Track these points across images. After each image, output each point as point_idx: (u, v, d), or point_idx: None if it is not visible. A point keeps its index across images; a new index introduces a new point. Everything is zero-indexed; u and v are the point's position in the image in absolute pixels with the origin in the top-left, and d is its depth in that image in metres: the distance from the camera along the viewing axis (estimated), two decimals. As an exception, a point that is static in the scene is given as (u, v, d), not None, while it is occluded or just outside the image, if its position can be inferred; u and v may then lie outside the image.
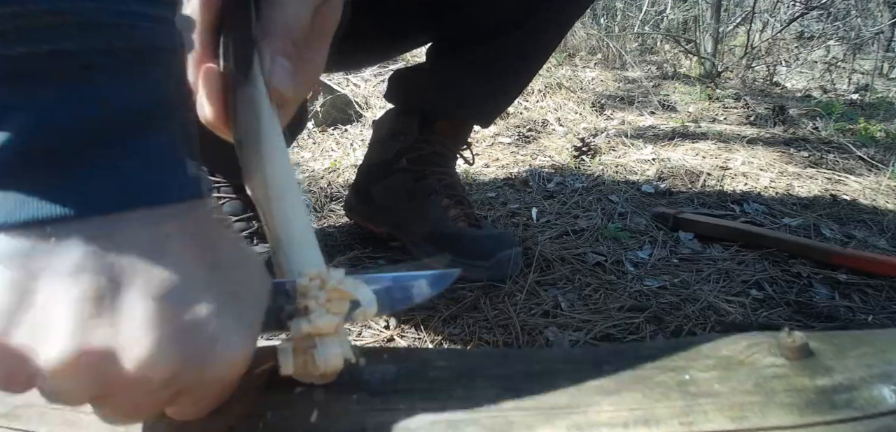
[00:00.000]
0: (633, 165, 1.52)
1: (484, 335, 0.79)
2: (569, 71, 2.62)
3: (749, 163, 1.53)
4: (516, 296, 0.88)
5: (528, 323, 0.81)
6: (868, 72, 3.07)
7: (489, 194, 1.32)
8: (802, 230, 1.13)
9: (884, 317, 0.85)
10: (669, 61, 3.13)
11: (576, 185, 1.37)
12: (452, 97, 0.96)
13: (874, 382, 0.32)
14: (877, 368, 0.33)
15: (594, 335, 0.79)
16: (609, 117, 2.08)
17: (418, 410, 0.32)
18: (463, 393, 0.33)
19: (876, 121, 1.93)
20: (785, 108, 2.03)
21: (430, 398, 0.33)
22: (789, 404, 0.31)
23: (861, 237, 1.11)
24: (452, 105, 0.97)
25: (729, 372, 0.33)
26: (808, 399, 0.31)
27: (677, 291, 0.90)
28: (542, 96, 2.22)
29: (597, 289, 0.91)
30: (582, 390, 0.33)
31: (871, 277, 0.94)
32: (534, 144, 1.75)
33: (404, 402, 0.32)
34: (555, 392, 0.33)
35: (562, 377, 0.34)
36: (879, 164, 1.51)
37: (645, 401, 0.31)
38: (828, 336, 0.37)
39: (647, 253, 1.03)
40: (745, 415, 0.30)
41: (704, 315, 0.84)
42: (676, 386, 0.32)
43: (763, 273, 0.95)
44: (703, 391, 0.32)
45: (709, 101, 2.31)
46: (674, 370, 0.34)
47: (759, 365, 0.33)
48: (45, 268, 0.25)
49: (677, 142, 1.71)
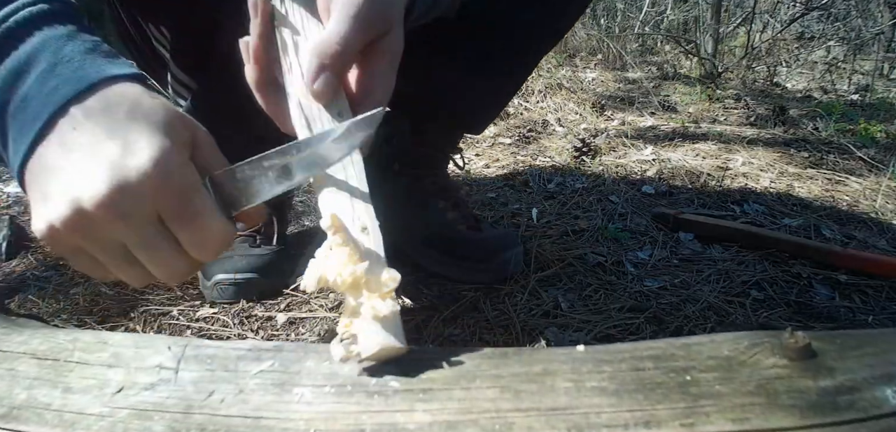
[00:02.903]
0: (634, 166, 1.52)
1: (484, 335, 0.79)
2: (569, 71, 2.62)
3: (749, 163, 1.53)
4: (517, 297, 0.87)
5: (528, 323, 0.81)
6: (868, 72, 3.07)
7: (489, 194, 1.32)
8: (802, 230, 1.13)
9: (884, 317, 0.85)
10: (670, 62, 3.13)
11: (576, 186, 1.37)
12: (444, 98, 0.95)
13: (877, 383, 0.32)
14: (879, 369, 0.33)
15: (594, 335, 0.79)
16: (609, 118, 2.08)
17: (417, 411, 0.32)
18: (462, 394, 0.33)
19: (876, 122, 1.93)
20: (785, 108, 2.03)
21: (429, 399, 0.32)
22: (791, 406, 0.30)
23: (861, 237, 1.11)
24: (444, 106, 0.96)
25: (730, 372, 0.33)
26: (810, 400, 0.31)
27: (677, 292, 0.89)
28: (543, 97, 2.22)
29: (597, 290, 0.90)
30: (581, 391, 0.32)
31: (871, 278, 0.94)
32: (534, 145, 1.75)
33: (403, 403, 0.32)
34: (554, 393, 0.32)
35: (561, 378, 0.33)
36: (880, 165, 1.51)
37: (646, 403, 0.31)
38: (830, 336, 0.36)
39: (647, 253, 1.03)
40: (746, 417, 0.30)
41: (705, 315, 0.83)
42: (677, 388, 0.32)
43: (763, 273, 0.95)
44: (704, 392, 0.32)
45: (709, 102, 2.31)
46: (675, 371, 0.34)
47: (761, 365, 0.33)
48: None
49: (677, 143, 1.71)
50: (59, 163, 0.38)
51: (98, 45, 0.42)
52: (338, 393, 0.33)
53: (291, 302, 0.89)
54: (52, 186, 0.39)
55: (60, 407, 0.34)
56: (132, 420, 0.33)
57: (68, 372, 0.37)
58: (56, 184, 0.38)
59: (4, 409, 0.35)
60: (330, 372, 0.35)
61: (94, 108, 0.39)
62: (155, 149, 0.38)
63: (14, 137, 0.40)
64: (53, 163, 0.39)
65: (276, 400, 0.33)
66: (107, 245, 0.41)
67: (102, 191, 0.37)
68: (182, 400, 0.34)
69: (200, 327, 0.83)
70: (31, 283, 0.96)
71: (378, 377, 0.34)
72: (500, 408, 0.31)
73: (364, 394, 0.33)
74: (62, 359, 0.38)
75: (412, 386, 0.33)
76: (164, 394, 0.34)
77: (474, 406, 0.32)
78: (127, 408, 0.34)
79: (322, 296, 0.90)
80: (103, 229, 0.39)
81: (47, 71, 0.39)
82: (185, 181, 0.40)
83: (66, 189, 0.38)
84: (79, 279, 0.96)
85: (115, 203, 0.38)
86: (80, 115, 0.39)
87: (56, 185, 0.38)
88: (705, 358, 0.34)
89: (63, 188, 0.38)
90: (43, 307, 0.89)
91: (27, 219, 1.24)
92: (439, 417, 0.31)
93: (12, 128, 0.40)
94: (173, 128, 0.40)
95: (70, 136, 0.38)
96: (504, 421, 0.31)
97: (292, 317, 0.84)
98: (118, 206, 0.38)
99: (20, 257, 1.05)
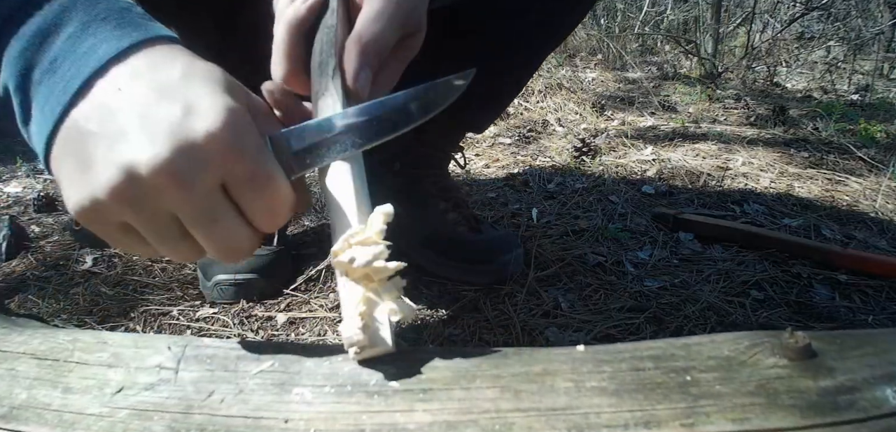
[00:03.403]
0: (634, 166, 1.52)
1: (484, 335, 0.79)
2: (569, 71, 2.62)
3: (749, 163, 1.52)
4: (517, 297, 0.87)
5: (528, 323, 0.81)
6: (868, 72, 3.07)
7: (489, 194, 1.32)
8: (802, 230, 1.13)
9: (884, 317, 0.85)
10: (670, 62, 3.13)
11: (576, 186, 1.37)
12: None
13: (877, 383, 0.32)
14: (879, 369, 0.33)
15: (594, 335, 0.79)
16: (609, 118, 2.08)
17: (417, 411, 0.32)
18: (462, 395, 0.33)
19: (876, 122, 1.93)
20: (785, 108, 2.03)
21: (429, 399, 0.32)
22: (791, 406, 0.30)
23: (861, 237, 1.11)
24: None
25: (731, 372, 0.33)
26: (810, 400, 0.31)
27: (677, 292, 0.89)
28: (543, 97, 2.22)
29: (597, 290, 0.90)
30: (581, 391, 0.32)
31: (871, 278, 0.94)
32: (534, 145, 1.75)
33: (403, 403, 0.32)
34: (554, 393, 0.32)
35: (561, 378, 0.33)
36: (880, 165, 1.51)
37: (646, 403, 0.31)
38: (830, 336, 0.36)
39: (647, 253, 1.03)
40: (746, 417, 0.30)
41: (705, 315, 0.83)
42: (677, 388, 0.32)
43: (763, 273, 0.95)
44: (704, 392, 0.32)
45: (709, 102, 2.31)
46: (675, 371, 0.34)
47: (761, 365, 0.33)
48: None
49: (678, 143, 1.71)
50: (104, 128, 0.34)
51: (132, 6, 0.38)
52: (338, 393, 0.33)
53: (291, 302, 0.89)
54: (97, 153, 0.34)
55: (60, 408, 0.34)
56: (132, 420, 0.33)
57: (68, 372, 0.37)
58: (101, 150, 0.34)
59: (5, 409, 0.35)
60: (330, 371, 0.35)
61: (141, 67, 0.35)
62: (221, 108, 0.34)
63: (40, 104, 0.35)
64: (95, 129, 0.34)
65: (275, 400, 0.33)
66: (159, 218, 0.36)
67: (163, 154, 0.33)
68: (182, 400, 0.34)
69: (200, 327, 0.83)
70: (31, 283, 0.96)
71: (378, 377, 0.34)
72: (500, 408, 0.31)
73: (364, 394, 0.33)
74: (62, 359, 0.38)
75: (412, 386, 0.33)
76: (163, 394, 0.34)
77: (474, 406, 0.32)
78: (127, 408, 0.34)
79: (322, 296, 0.90)
80: (159, 199, 0.34)
81: (80, 30, 0.35)
82: (255, 142, 0.36)
83: (115, 155, 0.33)
84: (79, 279, 0.97)
85: (178, 168, 0.33)
86: (126, 76, 0.35)
87: (101, 152, 0.34)
88: (705, 359, 0.34)
89: (111, 154, 0.33)
90: (43, 307, 0.89)
91: (27, 219, 1.24)
92: (439, 417, 0.31)
93: (38, 95, 0.36)
94: (234, 89, 0.37)
95: (115, 99, 0.34)
96: (504, 421, 0.31)
97: (292, 317, 0.84)
98: (180, 172, 0.33)
99: (20, 257, 1.05)
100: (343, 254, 0.36)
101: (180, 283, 0.95)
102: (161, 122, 0.33)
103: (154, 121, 0.33)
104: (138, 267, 0.99)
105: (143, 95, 0.34)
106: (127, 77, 0.35)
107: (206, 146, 0.34)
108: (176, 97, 0.34)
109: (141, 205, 0.34)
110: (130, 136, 0.33)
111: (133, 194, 0.34)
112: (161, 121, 0.33)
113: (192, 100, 0.34)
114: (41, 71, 0.35)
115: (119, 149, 0.33)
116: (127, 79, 0.35)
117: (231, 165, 0.35)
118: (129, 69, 0.35)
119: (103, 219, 0.36)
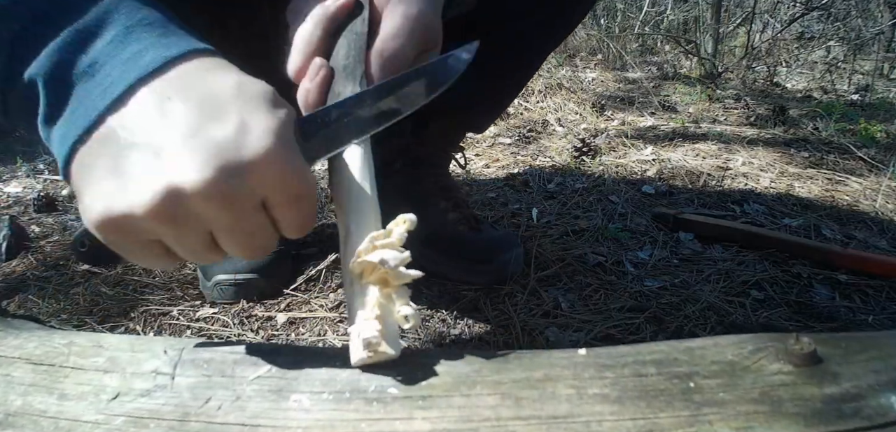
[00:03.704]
0: (634, 166, 1.51)
1: (484, 335, 0.79)
2: (569, 71, 2.62)
3: (749, 163, 1.52)
4: (517, 297, 0.87)
5: (528, 323, 0.81)
6: (868, 72, 3.06)
7: (489, 194, 1.32)
8: (803, 230, 1.13)
9: (884, 317, 0.85)
10: (670, 62, 3.12)
11: (576, 186, 1.36)
12: (446, 97, 0.94)
13: (882, 390, 0.31)
14: (885, 374, 0.32)
15: (594, 335, 0.79)
16: (609, 118, 2.07)
17: (417, 419, 0.31)
18: (462, 402, 0.32)
19: (876, 122, 1.92)
20: (785, 108, 2.02)
21: (428, 406, 0.32)
22: (796, 414, 0.30)
23: (861, 237, 1.11)
24: (445, 104, 0.95)
25: (734, 378, 0.33)
26: (814, 408, 0.30)
27: (678, 292, 0.89)
28: (543, 97, 2.21)
29: (597, 290, 0.90)
30: (583, 399, 0.32)
31: (871, 278, 0.93)
32: (534, 145, 1.74)
33: (403, 411, 0.32)
34: (555, 400, 0.32)
35: (563, 384, 0.33)
36: (880, 165, 1.50)
37: (648, 411, 0.31)
38: (834, 339, 0.36)
39: (647, 253, 1.03)
40: (750, 426, 0.30)
41: (705, 315, 0.83)
42: (681, 394, 0.32)
43: (763, 273, 0.95)
44: (707, 399, 0.31)
45: (709, 102, 2.30)
46: (678, 377, 0.33)
47: (765, 371, 0.33)
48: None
49: (678, 143, 1.71)
50: (144, 140, 0.32)
51: (173, 16, 0.37)
52: (336, 400, 0.33)
53: (291, 302, 0.88)
54: (135, 165, 0.32)
55: (56, 415, 0.34)
56: (128, 427, 0.32)
57: (64, 377, 0.37)
58: (141, 162, 0.32)
59: (0, 416, 0.34)
60: (328, 378, 0.35)
61: (191, 79, 0.34)
62: (273, 130, 0.33)
63: (74, 105, 0.34)
64: (134, 140, 0.33)
65: (273, 407, 0.33)
66: (195, 235, 0.35)
67: (209, 175, 0.32)
68: (178, 407, 0.33)
69: (200, 327, 0.82)
70: (32, 283, 0.96)
71: (377, 383, 0.34)
72: (500, 416, 0.31)
73: (362, 402, 0.33)
74: (58, 365, 0.38)
75: (411, 393, 0.33)
76: (160, 401, 0.34)
77: (474, 414, 0.31)
78: (123, 416, 0.33)
79: (322, 296, 0.89)
80: (199, 218, 0.33)
81: (124, 34, 0.34)
82: (301, 162, 0.36)
83: (156, 172, 0.32)
84: (79, 279, 0.96)
85: (224, 190, 0.32)
86: (175, 86, 0.33)
87: (141, 165, 0.32)
88: (709, 364, 0.34)
89: (152, 170, 0.32)
90: (43, 307, 0.89)
91: (27, 219, 1.23)
92: (439, 425, 0.31)
93: (75, 94, 0.34)
94: (281, 106, 0.36)
95: (161, 109, 0.33)
96: (505, 429, 0.30)
97: (292, 317, 0.84)
98: (226, 193, 0.32)
99: (20, 257, 1.05)
100: (371, 255, 0.35)
101: (180, 283, 0.94)
102: (211, 141, 0.32)
103: (204, 140, 0.32)
104: (138, 267, 0.99)
105: (192, 109, 0.33)
106: (175, 88, 0.33)
107: (256, 169, 0.33)
108: (228, 116, 0.33)
109: (179, 223, 0.33)
110: (176, 152, 0.32)
111: (174, 213, 0.33)
112: (211, 139, 0.32)
113: (244, 119, 0.33)
114: (78, 72, 0.34)
115: (162, 165, 0.32)
116: (175, 89, 0.33)
117: (279, 185, 0.34)
118: (177, 80, 0.34)
119: (132, 235, 0.34)
